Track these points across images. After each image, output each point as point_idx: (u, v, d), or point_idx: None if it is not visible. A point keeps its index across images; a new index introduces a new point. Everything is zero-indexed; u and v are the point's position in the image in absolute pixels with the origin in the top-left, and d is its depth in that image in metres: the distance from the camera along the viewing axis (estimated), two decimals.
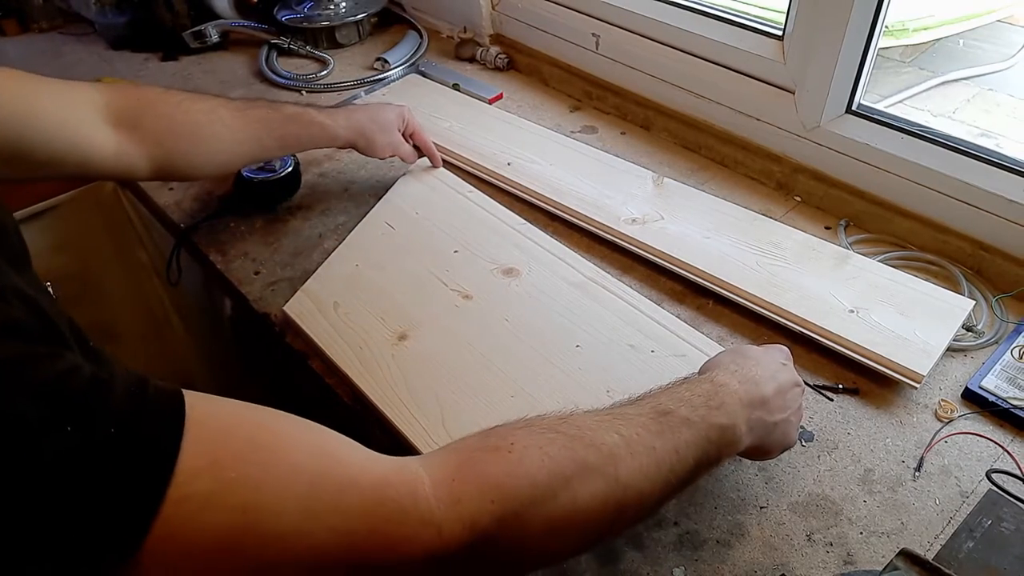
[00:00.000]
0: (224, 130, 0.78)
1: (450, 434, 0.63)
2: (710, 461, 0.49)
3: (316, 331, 0.73)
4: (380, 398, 0.67)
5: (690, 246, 0.81)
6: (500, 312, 0.75)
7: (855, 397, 0.68)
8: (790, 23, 0.87)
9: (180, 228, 0.90)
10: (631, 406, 0.49)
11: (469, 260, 0.81)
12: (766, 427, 0.53)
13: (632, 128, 1.07)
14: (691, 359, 0.69)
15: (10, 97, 0.63)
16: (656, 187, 0.91)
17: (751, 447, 0.53)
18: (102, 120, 0.71)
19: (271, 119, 0.81)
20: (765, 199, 0.92)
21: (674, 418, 0.48)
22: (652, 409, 0.48)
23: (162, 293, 1.26)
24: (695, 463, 0.48)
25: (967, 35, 1.48)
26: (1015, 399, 0.65)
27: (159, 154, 0.74)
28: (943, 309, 0.72)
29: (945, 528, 0.58)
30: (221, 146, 0.78)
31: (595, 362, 0.70)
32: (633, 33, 1.04)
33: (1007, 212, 0.75)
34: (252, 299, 0.80)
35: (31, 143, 0.65)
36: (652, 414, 0.48)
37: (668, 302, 0.78)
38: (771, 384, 0.55)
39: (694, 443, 0.48)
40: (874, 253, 0.82)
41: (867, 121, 0.85)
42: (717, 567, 0.56)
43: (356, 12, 1.28)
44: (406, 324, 0.74)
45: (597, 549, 0.57)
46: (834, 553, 0.57)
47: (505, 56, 1.21)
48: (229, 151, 0.79)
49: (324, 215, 0.91)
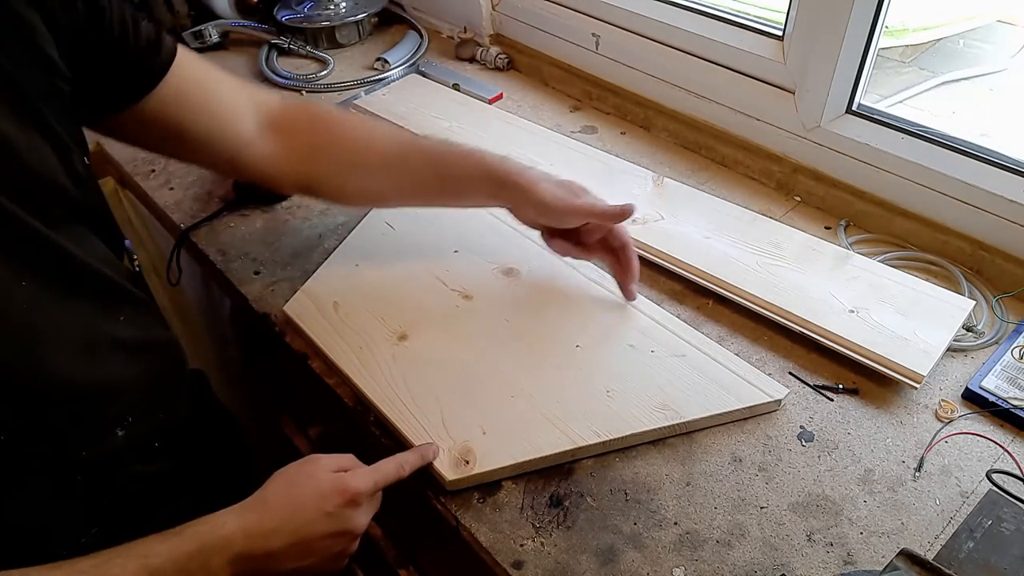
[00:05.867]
0: (380, 159, 0.73)
1: (450, 434, 0.63)
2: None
3: (316, 331, 0.73)
4: (380, 398, 0.67)
5: (690, 246, 0.81)
6: (500, 312, 0.75)
7: (855, 397, 0.68)
8: (790, 23, 0.87)
9: (180, 228, 0.90)
10: (100, 562, 0.48)
11: (469, 260, 0.81)
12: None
13: (632, 128, 1.07)
14: (691, 359, 0.70)
15: (191, 81, 0.65)
16: (656, 187, 0.91)
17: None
18: (259, 125, 0.71)
19: (436, 152, 0.73)
20: (765, 199, 0.92)
21: None
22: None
23: (162, 293, 1.26)
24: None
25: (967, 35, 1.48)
26: (1015, 399, 0.65)
27: (305, 172, 0.74)
28: (943, 309, 0.72)
29: (945, 528, 0.58)
30: (372, 176, 0.74)
31: (595, 362, 0.70)
32: (633, 33, 1.04)
33: (1007, 212, 0.75)
34: (252, 299, 0.80)
35: (190, 128, 0.66)
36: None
37: (668, 302, 0.78)
38: (286, 538, 0.53)
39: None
40: (874, 253, 0.82)
41: (867, 121, 0.85)
42: (717, 567, 0.56)
43: (356, 12, 1.28)
44: (406, 324, 0.74)
45: (597, 549, 0.57)
46: (834, 553, 0.57)
47: (505, 56, 1.21)
48: (381, 181, 0.75)
49: (324, 215, 0.91)
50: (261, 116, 0.72)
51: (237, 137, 0.70)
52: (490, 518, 0.59)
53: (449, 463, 0.61)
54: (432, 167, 0.73)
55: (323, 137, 0.74)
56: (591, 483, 0.62)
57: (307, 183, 0.75)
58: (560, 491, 0.61)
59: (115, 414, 0.57)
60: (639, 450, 0.64)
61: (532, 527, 0.59)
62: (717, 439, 0.65)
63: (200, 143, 0.68)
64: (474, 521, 0.59)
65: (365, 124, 0.75)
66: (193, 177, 0.98)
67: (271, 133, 0.72)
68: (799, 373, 0.70)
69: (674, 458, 0.64)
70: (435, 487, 0.61)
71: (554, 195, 0.71)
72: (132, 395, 0.58)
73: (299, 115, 0.74)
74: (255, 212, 0.92)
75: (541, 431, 0.63)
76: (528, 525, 0.59)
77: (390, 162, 0.73)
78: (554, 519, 0.59)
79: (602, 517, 0.59)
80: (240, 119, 0.70)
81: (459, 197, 0.77)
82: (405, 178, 0.75)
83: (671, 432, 0.65)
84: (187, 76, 0.64)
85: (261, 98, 0.73)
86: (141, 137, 0.67)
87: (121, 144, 0.68)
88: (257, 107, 0.72)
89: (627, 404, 0.65)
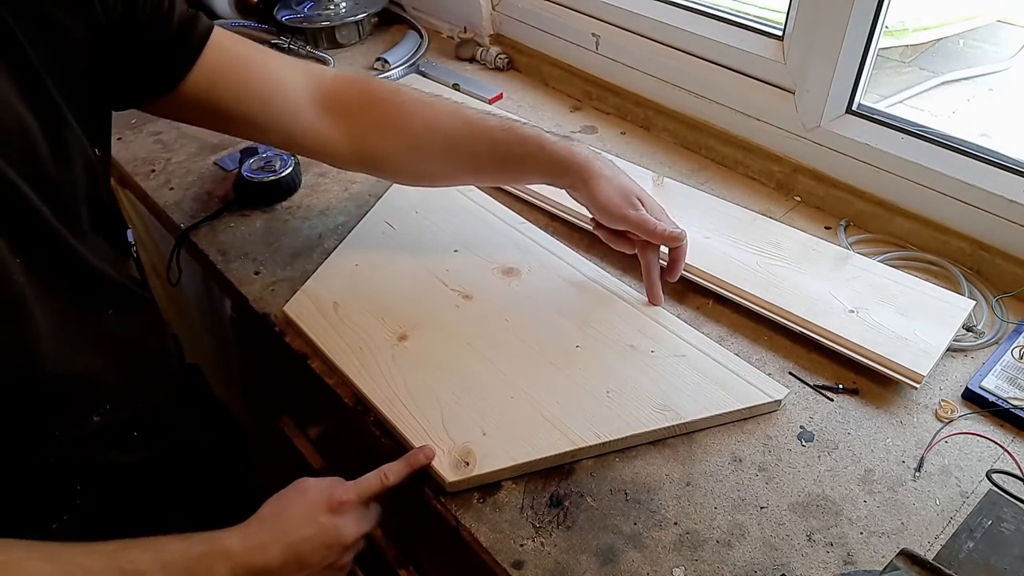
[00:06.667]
0: (441, 142, 0.73)
1: (450, 434, 0.63)
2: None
3: (316, 331, 0.73)
4: (380, 398, 0.67)
5: (690, 246, 0.81)
6: (500, 312, 0.75)
7: (855, 397, 0.68)
8: (790, 23, 0.87)
9: (180, 228, 0.90)
10: (105, 557, 0.48)
11: (469, 260, 0.81)
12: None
13: (632, 128, 1.07)
14: (691, 359, 0.70)
15: (228, 60, 0.65)
16: (656, 187, 0.91)
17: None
18: (312, 101, 0.71)
19: (500, 138, 0.72)
20: (765, 199, 0.92)
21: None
22: (120, 569, 0.48)
23: (162, 293, 1.26)
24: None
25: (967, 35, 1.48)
26: (1015, 399, 0.65)
27: (364, 150, 0.73)
28: (943, 309, 0.72)
29: (945, 528, 0.58)
30: (432, 157, 0.74)
31: (595, 362, 0.70)
32: (633, 33, 1.04)
33: (1007, 212, 0.75)
34: (252, 299, 0.80)
35: (232, 107, 0.66)
36: (119, 573, 0.47)
37: (668, 302, 0.78)
38: (280, 550, 0.53)
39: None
40: (874, 253, 0.82)
41: (867, 121, 0.85)
42: (717, 567, 0.56)
43: (356, 12, 1.28)
44: (406, 324, 0.74)
45: (597, 549, 0.57)
46: (834, 553, 0.57)
47: (505, 56, 1.21)
48: (440, 163, 0.75)
49: (324, 215, 0.91)
50: (313, 93, 0.71)
51: (287, 114, 0.69)
52: (490, 518, 0.59)
53: (449, 464, 0.61)
54: (494, 151, 0.73)
55: (385, 117, 0.73)
56: (591, 483, 0.62)
57: (367, 163, 0.75)
58: (560, 491, 0.61)
59: (92, 400, 0.58)
60: (639, 450, 0.64)
61: (532, 527, 0.59)
62: (717, 439, 0.65)
63: (246, 121, 0.68)
64: (474, 521, 0.59)
65: (426, 104, 0.73)
66: (193, 177, 0.98)
67: (326, 111, 0.71)
68: (799, 373, 0.70)
69: (674, 458, 0.64)
70: (435, 487, 0.61)
71: (608, 198, 0.71)
72: (112, 384, 0.59)
73: (355, 91, 0.73)
74: (255, 212, 0.92)
75: (541, 432, 0.63)
76: (528, 525, 0.59)
77: (452, 146, 0.73)
78: (554, 519, 0.59)
79: (602, 517, 0.59)
80: (288, 97, 0.69)
81: (518, 178, 0.80)
82: (467, 161, 0.75)
83: (671, 432, 0.65)
84: (223, 56, 0.64)
85: (315, 73, 0.72)
86: (187, 116, 0.68)
87: (121, 144, 0.68)
88: (308, 83, 0.71)
89: (627, 404, 0.65)
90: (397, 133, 0.73)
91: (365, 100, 0.72)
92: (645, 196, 0.73)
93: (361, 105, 0.72)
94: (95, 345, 0.57)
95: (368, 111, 0.72)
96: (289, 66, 0.71)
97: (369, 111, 0.72)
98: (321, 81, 0.72)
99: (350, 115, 0.72)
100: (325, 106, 0.71)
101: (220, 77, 0.65)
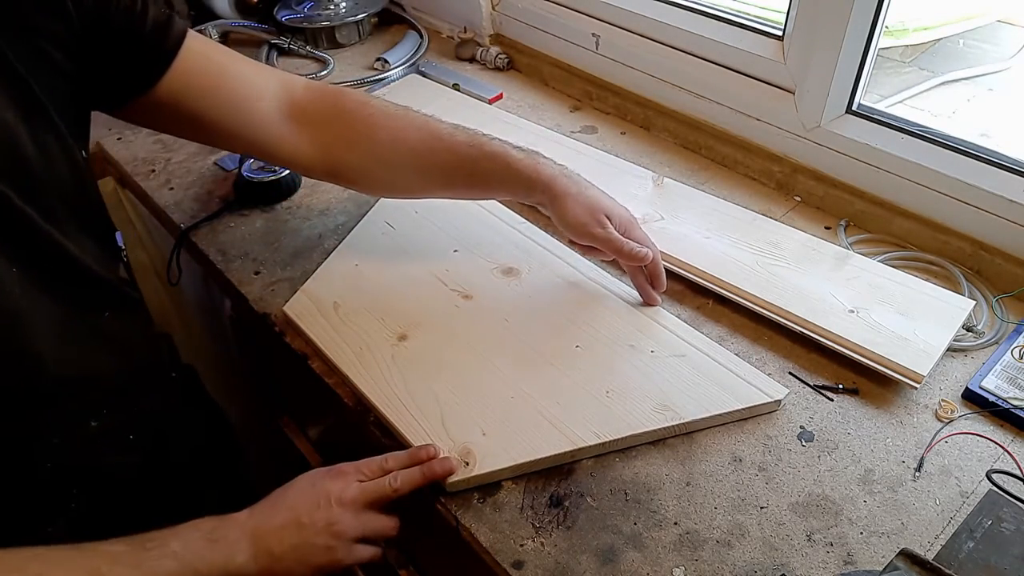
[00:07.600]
0: (407, 156, 0.73)
1: (450, 434, 0.63)
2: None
3: (316, 331, 0.73)
4: (380, 398, 0.67)
5: (690, 246, 0.81)
6: (500, 312, 0.75)
7: (855, 397, 0.68)
8: (790, 23, 0.87)
9: (180, 228, 0.90)
10: (124, 543, 0.51)
11: (469, 260, 0.81)
12: (272, 556, 0.55)
13: (632, 128, 1.07)
14: (691, 359, 0.70)
15: (201, 66, 0.65)
16: (656, 187, 0.91)
17: (263, 573, 0.54)
18: (283, 111, 0.71)
19: (465, 154, 0.72)
20: (765, 199, 0.92)
21: (163, 551, 0.50)
22: (142, 547, 0.50)
23: (162, 293, 1.26)
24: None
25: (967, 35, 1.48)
26: (1015, 399, 0.65)
27: (331, 161, 0.73)
28: (943, 309, 0.72)
29: (945, 528, 0.58)
30: (398, 170, 0.74)
31: (595, 362, 0.70)
32: (633, 33, 1.04)
33: (1007, 212, 0.75)
34: (252, 299, 0.80)
35: (203, 113, 0.66)
36: (141, 550, 0.50)
37: (668, 302, 0.78)
38: (284, 514, 0.56)
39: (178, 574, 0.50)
40: (874, 253, 0.82)
41: (867, 121, 0.85)
42: (717, 567, 0.56)
43: (356, 12, 1.28)
44: (406, 324, 0.74)
45: (597, 549, 0.57)
46: (834, 553, 0.57)
47: (505, 56, 1.21)
48: (407, 176, 0.75)
49: (324, 215, 0.91)
50: (284, 102, 0.71)
51: (257, 123, 0.69)
52: (490, 518, 0.59)
53: None
54: (461, 166, 0.73)
55: (351, 130, 0.73)
56: (591, 483, 0.62)
57: (334, 173, 0.75)
58: (560, 491, 0.61)
59: (90, 405, 0.58)
60: (639, 450, 0.64)
61: (532, 527, 0.59)
62: (717, 439, 0.65)
63: (216, 128, 0.68)
64: (474, 521, 0.59)
65: (394, 117, 0.73)
66: (193, 177, 0.98)
67: (296, 121, 0.71)
68: (799, 373, 0.70)
69: (674, 458, 0.64)
70: (435, 487, 0.61)
71: (575, 216, 0.71)
72: (109, 388, 0.59)
73: (325, 101, 0.73)
74: (255, 212, 0.92)
75: (541, 432, 0.63)
76: (528, 525, 0.59)
77: (419, 159, 0.73)
78: (554, 519, 0.59)
79: (602, 517, 0.59)
80: (260, 106, 0.69)
81: (487, 194, 0.79)
82: (434, 175, 0.75)
83: (671, 432, 0.65)
84: (197, 61, 0.64)
85: (288, 83, 0.72)
86: (159, 122, 0.67)
87: (121, 144, 0.68)
88: (280, 93, 0.71)
89: (627, 404, 0.65)
90: (362, 145, 0.73)
91: (334, 112, 0.73)
92: (614, 210, 0.73)
93: (330, 117, 0.73)
94: (95, 347, 0.57)
95: (335, 123, 0.73)
96: (263, 74, 0.71)
97: (336, 123, 0.73)
98: (293, 91, 0.72)
99: (318, 126, 0.72)
100: (295, 117, 0.71)
101: (194, 82, 0.65)
